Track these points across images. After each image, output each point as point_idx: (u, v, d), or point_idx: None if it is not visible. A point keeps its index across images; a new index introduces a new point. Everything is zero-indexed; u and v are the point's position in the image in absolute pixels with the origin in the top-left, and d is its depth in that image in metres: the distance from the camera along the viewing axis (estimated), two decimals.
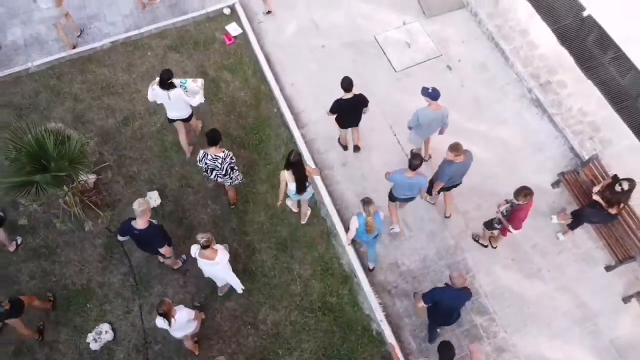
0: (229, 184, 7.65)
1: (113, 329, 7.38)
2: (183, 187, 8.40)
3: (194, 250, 6.56)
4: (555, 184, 8.28)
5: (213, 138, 6.97)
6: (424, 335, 7.29)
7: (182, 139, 8.43)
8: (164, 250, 6.84)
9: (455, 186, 7.65)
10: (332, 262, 7.83)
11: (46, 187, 6.80)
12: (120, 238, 6.89)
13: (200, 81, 7.91)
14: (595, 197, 7.29)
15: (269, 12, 10.24)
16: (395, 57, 9.56)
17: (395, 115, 8.88)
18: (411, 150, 8.38)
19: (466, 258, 7.82)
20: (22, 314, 6.78)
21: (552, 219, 7.98)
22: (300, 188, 7.10)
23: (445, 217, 8.11)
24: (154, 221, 6.62)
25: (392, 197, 7.52)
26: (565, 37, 9.51)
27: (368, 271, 7.71)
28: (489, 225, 7.49)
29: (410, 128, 7.86)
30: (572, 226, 7.74)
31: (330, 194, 8.30)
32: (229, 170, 7.31)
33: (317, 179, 8.24)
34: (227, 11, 10.12)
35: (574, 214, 7.70)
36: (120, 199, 8.28)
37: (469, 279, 7.58)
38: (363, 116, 8.02)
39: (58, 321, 7.47)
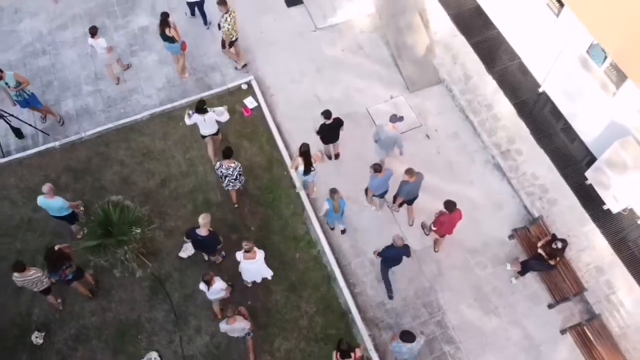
0: (237, 187, 10.10)
1: (160, 356, 9.40)
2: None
3: (239, 255, 8.86)
4: (511, 237, 10.32)
5: (227, 153, 9.55)
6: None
7: (210, 151, 10.98)
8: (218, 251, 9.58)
9: (414, 199, 9.96)
10: (332, 301, 9.86)
11: (111, 247, 8.83)
12: (185, 239, 9.23)
13: (225, 107, 10.66)
14: (539, 251, 9.34)
15: (244, 65, 12.27)
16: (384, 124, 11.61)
17: None
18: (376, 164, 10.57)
19: (438, 298, 9.85)
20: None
21: (507, 266, 10.01)
22: (307, 170, 9.65)
23: (409, 225, 10.46)
24: (211, 229, 8.92)
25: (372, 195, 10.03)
26: (523, 110, 11.57)
27: (340, 233, 10.42)
28: (423, 226, 10.24)
29: (375, 141, 10.31)
30: (522, 272, 9.78)
31: (330, 245, 10.33)
32: (238, 176, 9.83)
33: (320, 234, 10.29)
34: (244, 86, 12.19)
35: (523, 263, 9.73)
36: (162, 249, 10.30)
37: (440, 315, 9.63)
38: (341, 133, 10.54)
39: (115, 349, 9.50)
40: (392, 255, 9.11)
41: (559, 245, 8.95)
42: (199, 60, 12.65)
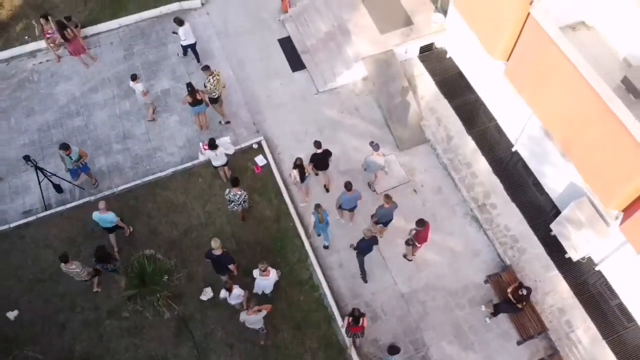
0: (242, 208, 12.24)
1: None
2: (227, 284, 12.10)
3: (256, 272, 10.83)
4: (486, 281, 11.97)
5: (235, 182, 11.71)
6: None
7: (222, 176, 13.27)
8: (232, 267, 11.29)
9: (388, 222, 11.92)
10: (332, 338, 11.49)
11: (146, 296, 10.48)
12: (206, 258, 11.03)
13: (228, 137, 13.19)
14: (509, 296, 10.99)
15: (227, 122, 14.06)
16: (377, 181, 13.32)
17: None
18: (368, 183, 13.21)
19: (423, 336, 11.49)
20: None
21: (482, 307, 11.66)
22: (302, 178, 11.98)
23: (379, 237, 12.17)
24: (225, 250, 10.85)
25: (341, 207, 12.00)
26: (498, 168, 13.28)
27: (324, 248, 12.48)
28: (407, 243, 11.73)
29: (365, 169, 12.53)
30: (495, 313, 11.43)
31: (331, 289, 11.98)
32: (242, 202, 11.91)
33: (322, 279, 11.95)
34: (255, 146, 13.91)
35: (495, 305, 11.38)
36: (185, 293, 11.93)
37: (424, 350, 11.26)
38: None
39: None
40: (365, 246, 11.16)
41: (524, 292, 10.60)
42: (214, 121, 14.39)
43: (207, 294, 11.89)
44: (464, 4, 12.00)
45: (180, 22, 14.38)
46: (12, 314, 11.78)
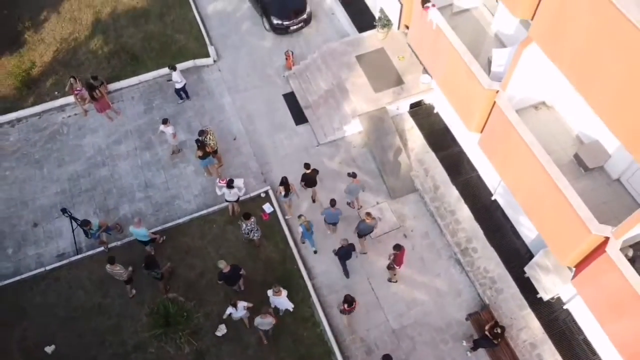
0: (255, 237, 14.06)
1: None
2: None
3: (270, 292, 12.62)
4: (467, 319, 13.57)
5: (247, 216, 13.55)
6: None
7: (230, 210, 15.05)
8: (241, 281, 13.33)
9: (367, 234, 13.96)
10: None
11: (170, 335, 12.07)
12: (219, 280, 12.91)
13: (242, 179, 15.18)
14: (486, 333, 12.58)
15: (221, 165, 15.94)
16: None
17: (373, 271, 14.25)
18: (347, 202, 15.19)
19: None
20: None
21: (463, 342, 13.24)
22: (286, 194, 14.17)
23: (362, 253, 14.26)
24: (230, 265, 12.62)
25: (325, 222, 14.16)
26: (479, 215, 14.93)
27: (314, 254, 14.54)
28: (389, 267, 13.41)
29: (346, 193, 14.57)
30: (474, 348, 13.01)
31: (330, 325, 13.57)
32: (255, 231, 13.85)
33: (322, 317, 13.54)
34: (263, 194, 15.59)
35: (475, 341, 12.97)
36: (202, 328, 13.51)
37: None
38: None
39: None
40: (344, 252, 13.40)
41: (499, 330, 12.20)
42: (227, 171, 16.07)
43: (221, 330, 13.46)
44: (444, 84, 13.72)
45: (173, 68, 16.51)
46: (49, 349, 13.34)
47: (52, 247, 14.94)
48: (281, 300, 12.89)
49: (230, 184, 14.21)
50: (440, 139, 16.25)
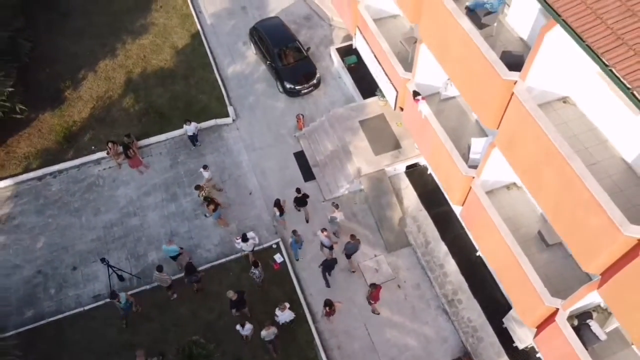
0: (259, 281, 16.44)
1: None
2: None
3: (278, 310, 14.89)
4: None
5: (255, 263, 15.81)
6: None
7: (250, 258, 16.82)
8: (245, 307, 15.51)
9: (352, 254, 16.33)
10: None
11: None
12: (231, 308, 15.23)
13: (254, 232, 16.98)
14: None
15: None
16: (369, 278, 16.96)
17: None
18: (333, 233, 17.50)
19: None
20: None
21: None
22: (281, 213, 16.76)
23: (351, 271, 16.72)
24: (237, 292, 14.93)
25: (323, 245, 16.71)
26: (465, 269, 16.90)
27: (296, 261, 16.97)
28: (368, 302, 15.61)
29: (330, 221, 17.09)
30: None
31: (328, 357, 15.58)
32: (259, 277, 16.15)
33: (324, 357, 15.51)
34: (274, 245, 17.68)
35: None
36: None
37: None
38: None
39: None
40: (328, 264, 16.27)
41: None
42: (243, 222, 18.21)
43: None
44: (431, 161, 15.84)
45: (189, 122, 19.24)
46: None
47: (89, 288, 17.07)
48: (285, 315, 15.25)
49: (244, 239, 16.36)
50: (432, 198, 18.30)
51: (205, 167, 18.36)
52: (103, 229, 18.27)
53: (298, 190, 17.41)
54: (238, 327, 14.95)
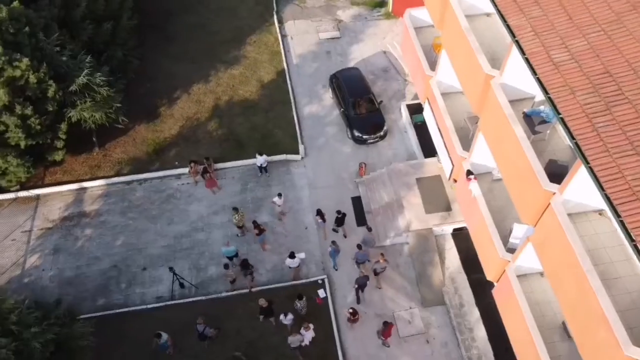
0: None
1: None
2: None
3: (302, 330, 16.47)
4: None
5: (300, 296, 17.58)
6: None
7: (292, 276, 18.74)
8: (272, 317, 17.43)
9: (363, 263, 18.20)
10: None
11: None
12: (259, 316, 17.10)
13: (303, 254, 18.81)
14: None
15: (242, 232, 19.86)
16: (402, 327, 18.25)
17: None
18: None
19: None
20: None
21: None
22: (324, 220, 19.44)
23: (378, 288, 18.75)
24: (268, 301, 16.90)
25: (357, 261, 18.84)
26: (492, 337, 17.84)
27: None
28: (379, 337, 16.90)
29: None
30: None
31: None
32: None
33: None
34: (320, 281, 19.35)
35: None
36: None
37: None
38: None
39: None
40: (362, 282, 18.08)
41: None
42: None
43: None
44: (474, 235, 17.01)
45: (261, 153, 21.17)
46: None
47: (153, 289, 19.39)
48: (308, 335, 16.91)
49: (292, 256, 18.38)
50: (473, 264, 19.30)
51: (279, 195, 20.19)
52: (173, 238, 20.62)
53: (339, 212, 19.67)
54: (281, 316, 17.34)
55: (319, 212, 19.66)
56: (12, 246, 20.44)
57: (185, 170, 22.10)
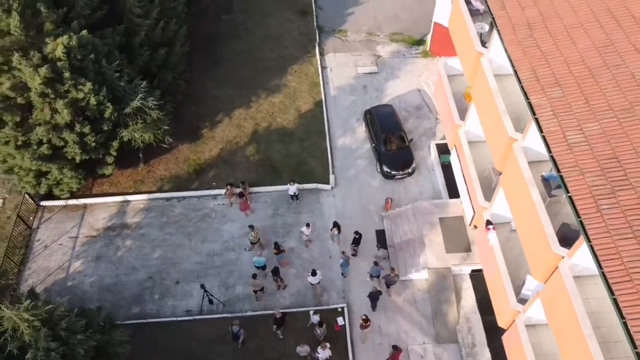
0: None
1: None
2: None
3: (319, 349, 17.68)
4: None
5: (320, 323, 18.42)
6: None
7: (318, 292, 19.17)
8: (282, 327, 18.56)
9: (378, 276, 19.82)
10: None
11: None
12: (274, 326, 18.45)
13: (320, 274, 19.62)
14: None
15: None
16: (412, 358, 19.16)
17: None
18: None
19: None
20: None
21: None
22: (340, 232, 20.91)
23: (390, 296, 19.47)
24: (282, 312, 18.33)
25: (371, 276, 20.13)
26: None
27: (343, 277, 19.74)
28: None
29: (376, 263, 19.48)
30: None
31: None
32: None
33: None
34: (340, 309, 20.41)
35: None
36: None
37: None
38: None
39: None
40: (374, 296, 19.44)
41: None
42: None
43: None
44: (488, 281, 17.82)
45: (293, 182, 22.45)
46: None
47: (184, 303, 20.79)
48: (325, 353, 18.09)
49: (314, 273, 19.67)
50: (488, 305, 20.02)
51: (307, 225, 21.40)
52: (206, 255, 22.02)
53: (356, 232, 21.01)
54: (298, 348, 18.63)
55: (336, 224, 21.15)
56: (59, 250, 22.20)
57: (222, 191, 23.53)
